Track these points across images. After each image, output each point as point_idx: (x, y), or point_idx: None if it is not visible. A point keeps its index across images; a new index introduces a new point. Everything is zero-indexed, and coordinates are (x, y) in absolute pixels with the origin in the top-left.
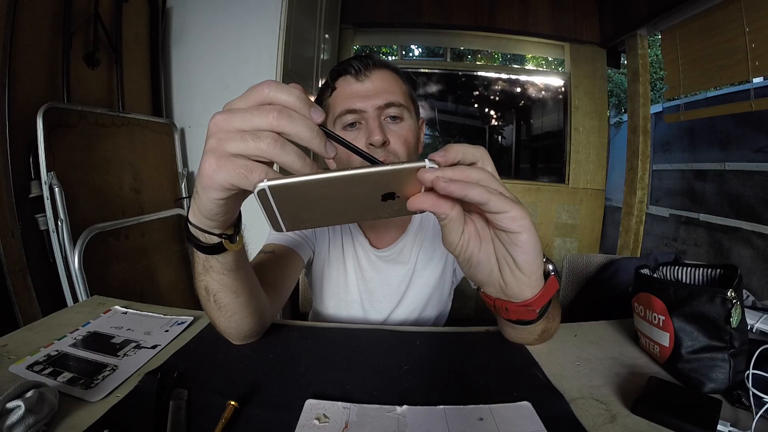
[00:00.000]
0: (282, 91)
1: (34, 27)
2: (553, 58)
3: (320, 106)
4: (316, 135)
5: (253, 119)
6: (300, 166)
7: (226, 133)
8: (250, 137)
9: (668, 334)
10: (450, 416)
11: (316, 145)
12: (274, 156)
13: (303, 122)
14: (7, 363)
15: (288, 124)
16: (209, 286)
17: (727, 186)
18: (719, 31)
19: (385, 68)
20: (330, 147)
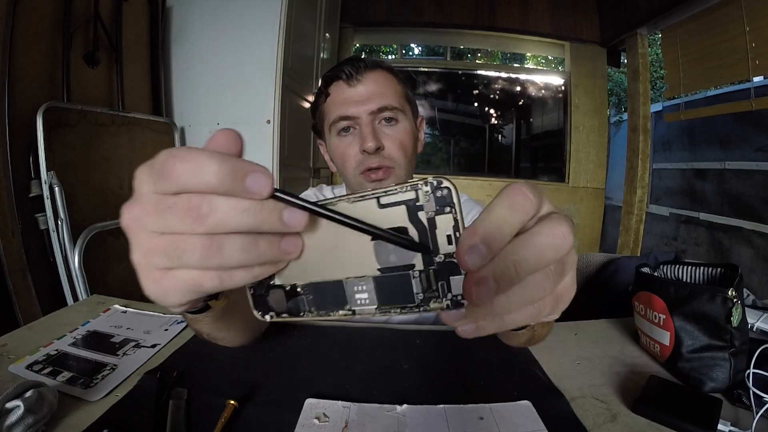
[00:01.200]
0: (194, 173)
1: (34, 27)
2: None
3: (315, 113)
4: (265, 216)
5: (168, 223)
6: (257, 272)
7: (146, 240)
8: (172, 249)
9: (669, 333)
10: (450, 415)
11: (270, 227)
12: (207, 265)
13: (238, 209)
14: (6, 362)
15: (216, 221)
16: (201, 330)
17: (727, 185)
18: (719, 30)
19: (378, 69)
20: (292, 219)
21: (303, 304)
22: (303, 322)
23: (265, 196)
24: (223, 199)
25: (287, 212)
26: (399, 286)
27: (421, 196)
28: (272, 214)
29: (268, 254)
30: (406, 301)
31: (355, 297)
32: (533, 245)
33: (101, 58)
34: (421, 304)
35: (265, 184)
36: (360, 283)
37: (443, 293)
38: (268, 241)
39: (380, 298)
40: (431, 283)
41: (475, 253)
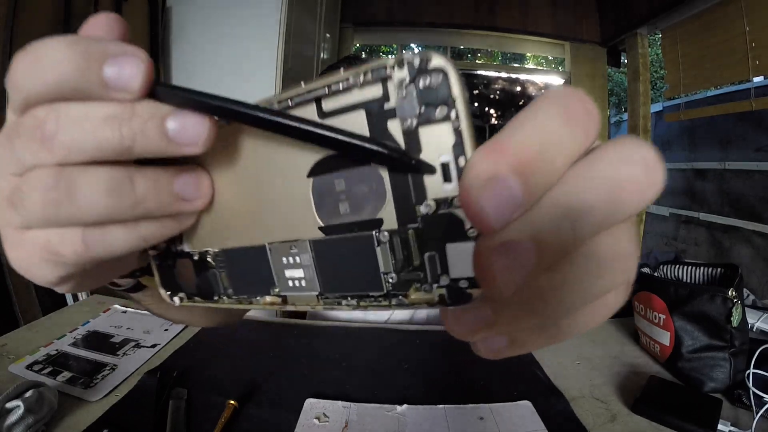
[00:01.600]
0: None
1: (34, 27)
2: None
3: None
4: (136, 128)
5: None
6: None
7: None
8: (16, 195)
9: (669, 333)
10: (450, 415)
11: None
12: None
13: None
14: (6, 362)
15: (65, 142)
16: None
17: (727, 185)
18: (719, 30)
19: None
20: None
21: (216, 283)
22: (226, 309)
23: (136, 94)
24: (75, 106)
25: (174, 119)
26: (354, 259)
27: (392, 90)
28: (150, 123)
29: (152, 199)
30: (367, 286)
31: (286, 275)
32: (604, 179)
33: None
34: (394, 293)
35: (134, 72)
36: (291, 252)
37: (434, 273)
38: (150, 176)
39: (323, 279)
40: (411, 254)
41: (500, 192)
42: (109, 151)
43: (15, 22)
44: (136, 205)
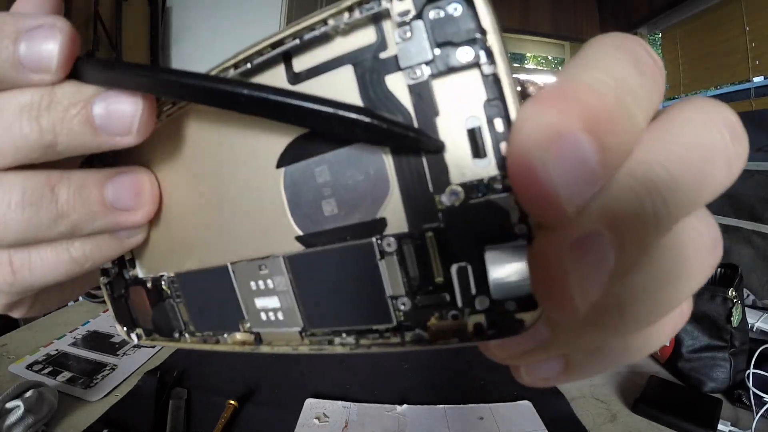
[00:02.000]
0: None
1: None
2: (553, 57)
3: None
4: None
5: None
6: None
7: None
8: None
9: None
10: (450, 415)
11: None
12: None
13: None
14: (6, 362)
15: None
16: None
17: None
18: (719, 30)
19: None
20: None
21: (175, 317)
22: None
23: (55, 74)
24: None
25: (100, 102)
26: (347, 280)
27: (389, 30)
28: (72, 110)
29: (78, 211)
30: (369, 317)
31: (257, 305)
32: (692, 145)
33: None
34: (408, 324)
35: (52, 46)
36: (260, 274)
37: (465, 294)
38: (74, 181)
39: (307, 310)
40: (431, 266)
41: (572, 158)
42: (30, 150)
43: None
44: (58, 220)
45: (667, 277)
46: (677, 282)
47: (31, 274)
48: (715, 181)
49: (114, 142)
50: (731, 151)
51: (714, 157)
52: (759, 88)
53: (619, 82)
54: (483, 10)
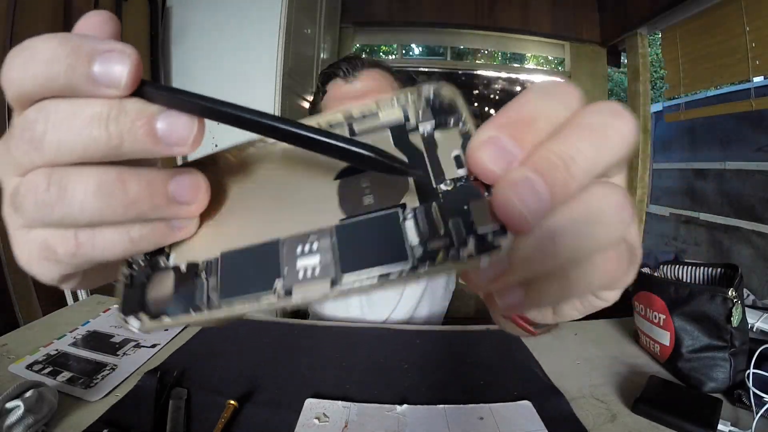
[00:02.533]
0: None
1: (34, 27)
2: (553, 57)
3: (313, 112)
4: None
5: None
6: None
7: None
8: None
9: (669, 333)
10: (450, 415)
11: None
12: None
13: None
14: (6, 362)
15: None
16: None
17: (727, 185)
18: (719, 30)
19: (376, 68)
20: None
21: (201, 293)
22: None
23: (123, 90)
24: (64, 105)
25: (163, 119)
26: (379, 236)
27: (411, 112)
28: (138, 122)
29: (145, 201)
30: (391, 258)
31: (296, 265)
32: (580, 125)
33: None
34: (422, 260)
35: (122, 68)
36: (308, 241)
37: (460, 236)
38: (143, 177)
39: (344, 260)
40: (437, 222)
41: (496, 146)
42: (97, 150)
43: (15, 22)
44: (128, 208)
45: (585, 219)
46: (593, 225)
47: (92, 250)
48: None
49: (170, 151)
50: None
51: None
52: (759, 88)
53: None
54: (461, 102)
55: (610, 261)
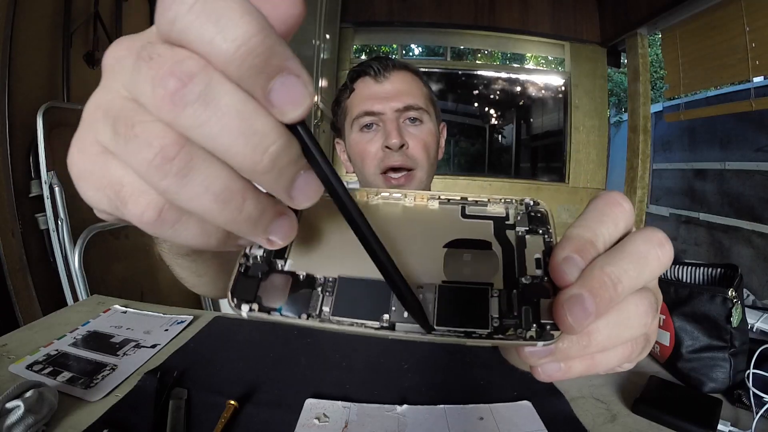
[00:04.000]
0: (210, 22)
1: (34, 27)
2: (553, 57)
3: (337, 110)
4: (274, 158)
5: (137, 80)
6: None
7: (111, 91)
8: (122, 127)
9: (668, 333)
10: (450, 415)
11: (269, 182)
12: (156, 189)
13: (237, 118)
14: (6, 362)
15: (194, 118)
16: (163, 256)
17: (727, 185)
18: (719, 30)
19: (405, 70)
20: (305, 188)
21: (315, 302)
22: (293, 324)
23: (290, 120)
24: (231, 93)
25: (303, 177)
26: (469, 303)
27: (511, 214)
28: (287, 169)
29: (247, 225)
30: (475, 323)
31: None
32: (631, 252)
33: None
34: (497, 330)
35: (299, 98)
36: (417, 291)
37: (527, 321)
38: (260, 204)
39: (440, 314)
40: (513, 306)
41: (571, 264)
42: (234, 161)
43: (15, 22)
44: (232, 221)
45: (617, 324)
46: (623, 329)
47: (162, 227)
48: (649, 269)
49: (293, 204)
50: (661, 256)
51: (647, 257)
52: (759, 88)
53: (591, 228)
54: (550, 217)
55: (627, 349)
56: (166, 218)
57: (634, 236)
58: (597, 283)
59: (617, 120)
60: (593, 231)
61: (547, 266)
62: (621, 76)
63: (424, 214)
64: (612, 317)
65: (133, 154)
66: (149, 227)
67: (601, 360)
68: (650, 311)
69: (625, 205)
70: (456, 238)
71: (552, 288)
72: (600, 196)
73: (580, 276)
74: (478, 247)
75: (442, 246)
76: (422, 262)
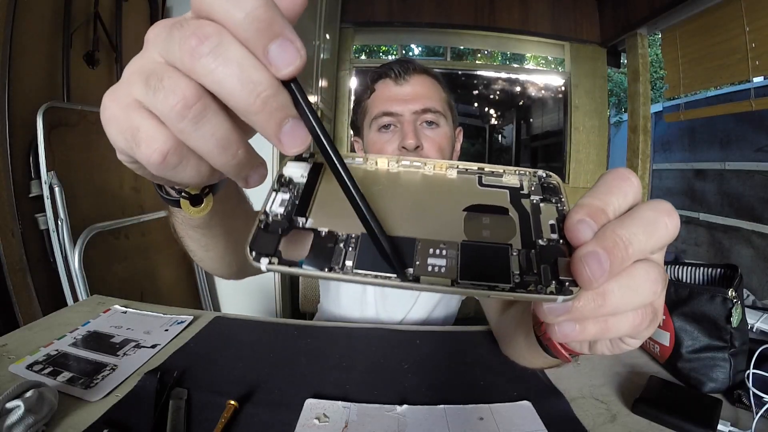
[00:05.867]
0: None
1: (34, 27)
2: (553, 57)
3: (357, 109)
4: (264, 103)
5: (169, 44)
6: (225, 163)
7: (147, 57)
8: (153, 81)
9: (668, 333)
10: (450, 416)
11: (261, 122)
12: (175, 130)
13: (240, 68)
14: (6, 363)
15: (208, 66)
16: (175, 228)
17: (727, 185)
18: (719, 30)
19: (425, 74)
20: (292, 133)
21: (338, 257)
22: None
23: (283, 76)
24: (237, 48)
25: (292, 123)
26: (491, 260)
27: (525, 184)
28: (276, 114)
29: (235, 167)
30: (498, 278)
31: (428, 262)
32: (637, 217)
33: (101, 58)
34: (518, 285)
35: (291, 59)
36: (439, 247)
37: (546, 278)
38: (248, 154)
39: (463, 269)
40: (532, 263)
41: (585, 226)
42: (233, 103)
43: (15, 22)
44: (224, 163)
45: (627, 286)
46: (633, 294)
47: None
48: (658, 236)
49: (281, 148)
50: (669, 224)
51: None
52: (759, 88)
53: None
54: (562, 187)
55: (638, 317)
56: (169, 162)
57: (643, 205)
58: (610, 242)
59: (617, 120)
60: (604, 200)
61: (562, 231)
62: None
63: (443, 182)
64: (623, 280)
65: (161, 101)
66: (154, 167)
67: (614, 324)
68: (659, 280)
69: (633, 179)
70: (474, 203)
71: (568, 249)
72: (608, 172)
73: (594, 237)
74: (496, 213)
75: (461, 210)
76: (442, 223)
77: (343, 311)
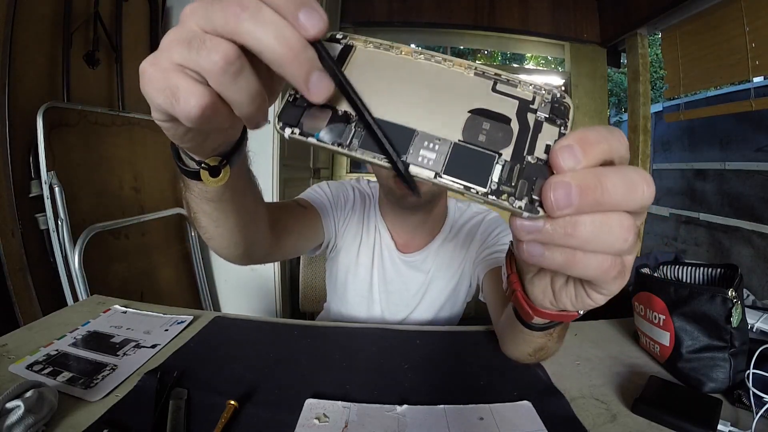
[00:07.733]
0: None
1: (34, 27)
2: (553, 57)
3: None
4: (296, 56)
5: (210, 13)
6: (250, 112)
7: (186, 27)
8: (196, 44)
9: (668, 333)
10: (450, 415)
11: (293, 72)
12: (216, 83)
13: (276, 28)
14: (6, 363)
15: (250, 28)
16: (190, 203)
17: (728, 185)
18: (719, 30)
19: None
20: (318, 83)
21: (347, 135)
22: (324, 149)
23: (310, 36)
24: (270, 13)
25: (317, 75)
26: (476, 164)
27: (538, 100)
28: (305, 66)
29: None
30: (476, 180)
31: (420, 152)
32: (622, 173)
33: (101, 58)
34: (493, 192)
35: (316, 24)
36: (433, 142)
37: (521, 193)
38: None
39: (449, 166)
40: (512, 176)
41: (570, 154)
42: (270, 56)
43: (15, 22)
44: (251, 114)
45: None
46: (605, 235)
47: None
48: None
49: (308, 96)
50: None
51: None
52: (759, 88)
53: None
54: (572, 112)
55: (605, 262)
56: (205, 114)
57: (628, 167)
58: (589, 183)
59: (617, 120)
60: (601, 135)
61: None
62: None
63: (459, 79)
64: (597, 217)
65: (204, 58)
66: (191, 120)
67: (581, 259)
68: (632, 230)
69: (623, 139)
70: (481, 107)
71: (551, 173)
72: (605, 126)
73: (577, 172)
74: (498, 120)
75: (467, 111)
76: (445, 119)
77: (350, 309)
